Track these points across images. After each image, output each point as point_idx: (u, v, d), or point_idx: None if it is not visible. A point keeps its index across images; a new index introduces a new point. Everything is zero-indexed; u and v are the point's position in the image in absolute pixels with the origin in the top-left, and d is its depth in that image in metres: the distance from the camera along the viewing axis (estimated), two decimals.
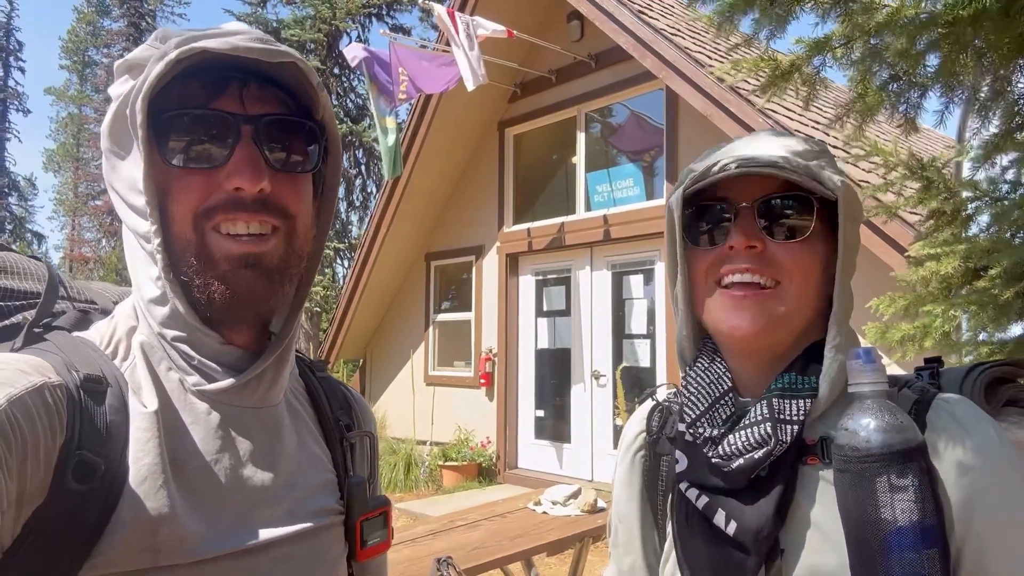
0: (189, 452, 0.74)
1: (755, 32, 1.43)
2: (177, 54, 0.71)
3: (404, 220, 8.69)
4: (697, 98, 5.69)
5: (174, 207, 0.74)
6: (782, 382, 0.86)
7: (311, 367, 0.95)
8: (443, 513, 5.56)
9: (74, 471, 0.66)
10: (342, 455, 0.89)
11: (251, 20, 17.45)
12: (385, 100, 6.95)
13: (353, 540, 0.86)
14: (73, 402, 0.68)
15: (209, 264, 0.75)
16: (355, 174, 18.64)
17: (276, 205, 0.77)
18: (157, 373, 0.76)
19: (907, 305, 2.29)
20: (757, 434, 0.83)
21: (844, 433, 0.76)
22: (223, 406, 0.77)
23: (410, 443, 8.44)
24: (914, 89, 1.44)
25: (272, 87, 0.79)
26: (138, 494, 0.69)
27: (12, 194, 29.08)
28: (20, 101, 29.57)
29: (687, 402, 0.92)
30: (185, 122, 0.75)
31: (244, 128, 0.75)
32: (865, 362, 0.76)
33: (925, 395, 0.83)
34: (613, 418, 7.09)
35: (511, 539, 3.58)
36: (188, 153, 0.74)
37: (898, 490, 0.71)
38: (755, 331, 0.86)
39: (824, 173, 0.86)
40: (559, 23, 7.48)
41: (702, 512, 0.88)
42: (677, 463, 0.93)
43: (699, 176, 0.90)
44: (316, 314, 15.79)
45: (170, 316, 0.76)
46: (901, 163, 2.30)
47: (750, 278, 0.86)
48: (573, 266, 7.60)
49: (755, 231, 0.87)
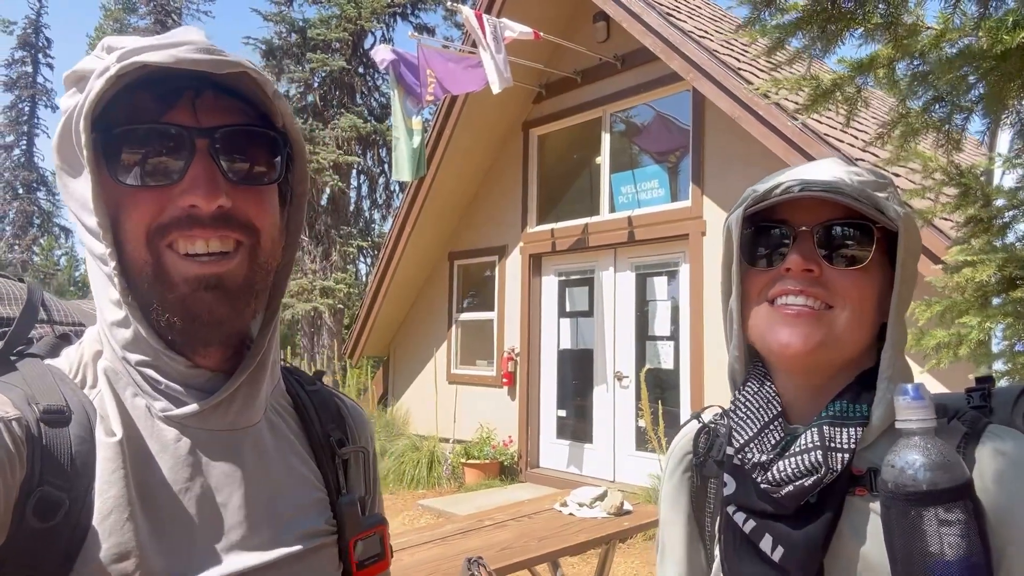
0: (158, 482, 0.70)
1: (802, 53, 1.45)
2: (117, 69, 0.66)
3: (428, 219, 8.75)
4: (725, 100, 5.68)
5: (127, 226, 0.70)
6: (833, 409, 0.87)
7: (301, 381, 0.91)
8: (466, 511, 5.61)
9: (35, 508, 0.63)
10: (334, 473, 0.85)
11: (277, 19, 17.60)
12: (412, 101, 7.00)
13: (348, 561, 0.83)
14: (32, 436, 0.65)
15: (167, 287, 0.71)
16: (378, 173, 18.74)
17: (238, 219, 0.72)
18: (123, 399, 0.72)
19: (943, 311, 2.29)
20: (808, 461, 0.83)
21: (890, 470, 0.76)
22: (194, 431, 0.73)
23: (433, 440, 8.50)
24: (959, 112, 1.45)
25: (229, 97, 0.74)
26: (104, 528, 0.66)
27: (40, 189, 29.53)
28: (49, 97, 29.96)
29: (736, 426, 0.93)
30: (135, 137, 0.70)
31: (199, 141, 0.71)
32: (914, 398, 0.76)
33: (975, 427, 0.82)
34: (636, 420, 7.10)
35: (538, 540, 3.62)
36: (140, 170, 0.70)
37: (944, 527, 0.71)
38: (806, 350, 0.86)
39: (889, 203, 0.87)
40: (585, 24, 7.48)
41: (749, 536, 0.89)
42: (725, 486, 0.94)
43: (761, 197, 0.90)
44: (340, 311, 15.91)
45: (133, 340, 0.72)
46: (940, 168, 2.30)
47: (803, 301, 0.87)
48: (597, 267, 7.61)
49: (813, 255, 0.87)
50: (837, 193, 0.85)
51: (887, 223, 0.87)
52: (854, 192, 0.86)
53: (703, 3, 8.86)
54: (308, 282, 15.43)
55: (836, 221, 0.87)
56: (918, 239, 0.91)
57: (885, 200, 0.87)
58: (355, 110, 17.24)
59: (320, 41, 17.03)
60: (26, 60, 28.59)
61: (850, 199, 0.85)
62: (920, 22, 1.40)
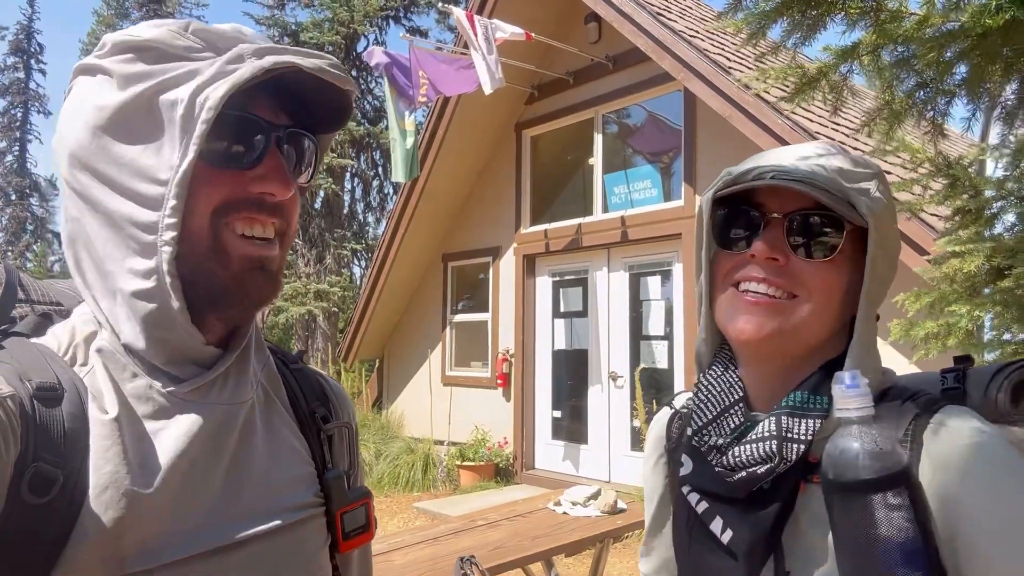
0: (153, 456, 0.71)
1: (784, 40, 1.44)
2: (272, 63, 0.71)
3: (421, 221, 8.74)
4: (716, 100, 5.69)
5: (193, 201, 0.72)
6: (793, 399, 0.85)
7: (284, 359, 0.94)
8: (462, 513, 5.60)
9: (30, 484, 0.64)
10: (320, 448, 0.88)
11: (270, 23, 17.60)
12: (404, 103, 7.00)
13: (334, 532, 0.86)
14: (26, 413, 0.65)
15: (223, 263, 0.74)
16: (372, 176, 18.74)
17: (285, 212, 0.78)
18: (118, 379, 0.73)
19: (932, 302, 2.29)
20: (762, 450, 0.83)
21: (827, 459, 0.75)
22: (190, 405, 0.75)
23: (427, 443, 8.48)
24: (942, 96, 1.45)
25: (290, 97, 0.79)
26: (100, 503, 0.67)
27: (33, 195, 29.45)
28: (41, 103, 29.88)
29: (696, 408, 0.93)
30: (223, 122, 0.73)
31: (274, 136, 0.77)
32: (849, 387, 0.75)
33: (927, 408, 0.80)
34: (631, 419, 7.10)
35: (532, 539, 3.60)
36: (221, 152, 0.74)
37: (881, 514, 0.71)
38: (759, 338, 0.85)
39: (861, 198, 0.84)
40: (577, 25, 7.49)
41: (700, 517, 0.89)
42: (682, 466, 0.94)
43: (733, 180, 0.88)
44: (334, 314, 15.89)
45: (154, 312, 0.72)
46: (928, 160, 2.30)
47: (764, 289, 0.86)
48: (590, 267, 7.61)
49: (780, 244, 0.86)
50: (808, 184, 0.83)
51: (856, 220, 0.84)
52: (827, 184, 0.84)
53: (694, 3, 8.89)
54: (302, 285, 15.39)
55: (808, 211, 0.85)
56: (894, 236, 0.88)
57: (859, 194, 0.84)
58: None
59: (313, 44, 17.01)
60: (18, 66, 28.52)
61: (821, 192, 0.83)
62: (904, 7, 1.40)
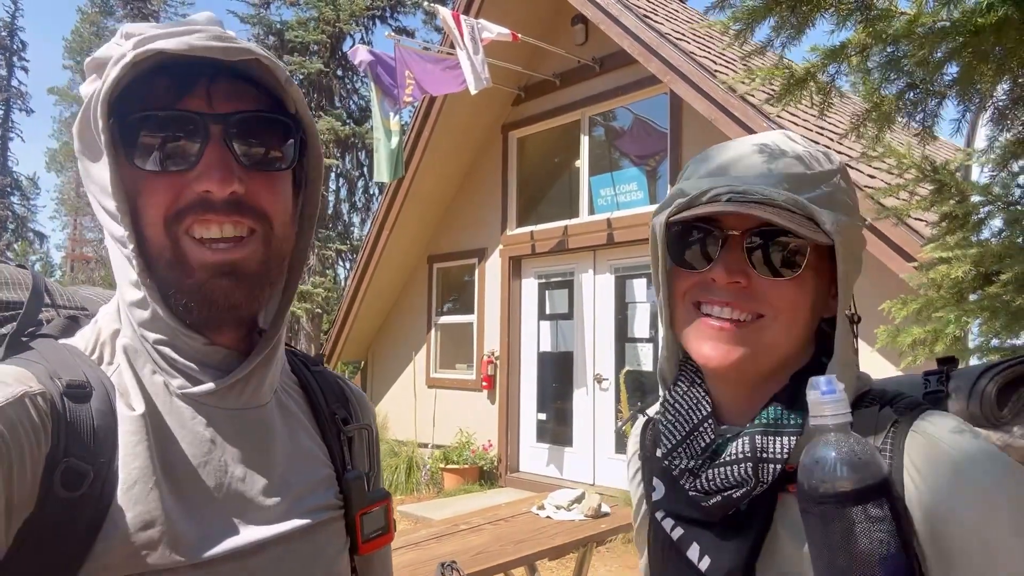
0: (177, 456, 0.73)
1: (771, 40, 1.42)
2: (133, 56, 0.69)
3: (407, 222, 8.68)
4: (702, 102, 5.68)
5: (145, 211, 0.73)
6: (767, 416, 0.81)
7: (305, 362, 0.94)
8: (445, 516, 5.55)
9: (62, 478, 0.65)
10: (340, 449, 0.88)
11: (255, 21, 17.46)
12: (389, 102, 6.95)
13: (354, 534, 0.86)
14: (56, 410, 0.67)
15: (185, 272, 0.73)
16: (357, 176, 18.64)
17: (250, 206, 0.74)
18: (141, 376, 0.75)
19: (919, 308, 2.27)
20: (738, 473, 0.79)
21: (803, 469, 0.71)
22: (209, 408, 0.76)
23: (411, 445, 8.42)
24: (931, 98, 1.42)
25: (243, 83, 0.76)
26: (129, 498, 0.68)
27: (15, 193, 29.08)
28: (23, 101, 29.55)
29: (664, 429, 0.89)
30: (152, 123, 0.72)
31: (213, 128, 0.72)
32: (825, 392, 0.71)
33: (907, 414, 0.77)
34: (615, 422, 7.08)
35: (515, 544, 3.57)
36: (157, 155, 0.72)
37: (860, 526, 0.67)
38: (727, 364, 0.81)
39: (824, 213, 0.79)
40: (563, 27, 7.47)
41: (676, 544, 0.85)
42: (654, 491, 0.90)
43: (686, 204, 0.83)
44: (318, 315, 15.78)
45: (151, 319, 0.74)
46: (914, 165, 2.29)
47: (728, 313, 0.81)
48: (576, 269, 7.59)
49: (740, 264, 0.81)
50: (766, 207, 0.78)
51: (821, 240, 0.79)
52: (787, 203, 0.78)
53: (680, 6, 8.90)
54: None
55: (767, 228, 0.80)
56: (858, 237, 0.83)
57: (823, 207, 0.79)
58: (333, 113, 17.12)
59: (298, 43, 16.91)
60: (0, 63, 28.15)
61: (783, 211, 0.78)
62: (894, 7, 1.38)
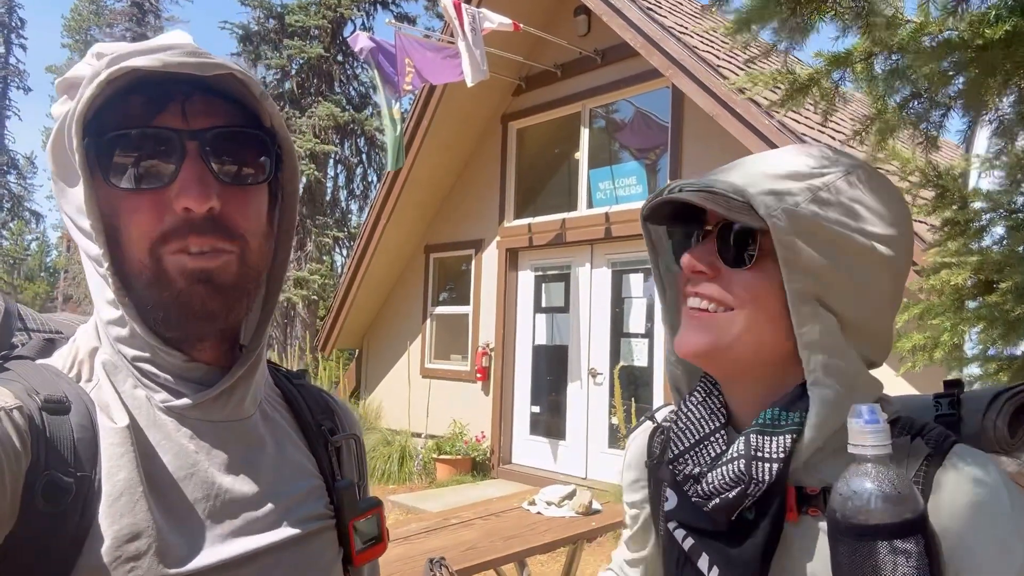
0: (163, 468, 0.72)
1: (775, 43, 1.39)
2: (107, 74, 0.68)
3: (404, 211, 8.64)
4: (703, 97, 5.64)
5: (127, 230, 0.72)
6: (764, 417, 0.82)
7: (288, 376, 0.95)
8: (437, 507, 5.55)
9: (43, 492, 0.65)
10: (328, 460, 0.88)
11: (255, 4, 17.32)
12: (390, 90, 6.90)
13: (347, 544, 0.86)
14: (35, 424, 0.66)
15: (164, 286, 0.73)
16: (356, 163, 18.56)
17: (224, 225, 0.74)
18: (122, 391, 0.74)
19: (920, 313, 2.26)
20: (731, 472, 0.79)
21: (838, 498, 0.70)
22: (194, 421, 0.76)
23: (405, 435, 8.41)
24: (937, 108, 1.40)
25: (218, 98, 0.75)
26: (115, 510, 0.67)
27: (11, 172, 28.94)
28: (21, 79, 29.36)
29: (675, 436, 0.89)
30: (127, 141, 0.72)
31: (189, 144, 0.72)
32: (868, 422, 0.69)
33: (940, 447, 0.76)
34: (609, 416, 7.07)
35: (505, 539, 3.56)
36: (133, 174, 0.72)
37: (891, 561, 0.67)
38: (694, 351, 0.85)
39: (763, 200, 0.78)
40: (566, 17, 7.41)
41: (687, 554, 0.85)
42: (667, 501, 0.90)
43: (653, 196, 0.88)
44: (314, 302, 15.75)
45: (130, 337, 0.74)
46: (918, 170, 2.27)
47: (697, 303, 0.85)
48: (573, 263, 7.56)
49: (708, 256, 0.84)
50: (703, 194, 0.81)
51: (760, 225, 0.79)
52: (726, 190, 0.80)
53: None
54: None
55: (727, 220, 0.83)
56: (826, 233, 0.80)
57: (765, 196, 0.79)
58: (333, 98, 17.03)
59: (298, 27, 16.80)
60: None
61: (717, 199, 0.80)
62: (899, 15, 1.35)
